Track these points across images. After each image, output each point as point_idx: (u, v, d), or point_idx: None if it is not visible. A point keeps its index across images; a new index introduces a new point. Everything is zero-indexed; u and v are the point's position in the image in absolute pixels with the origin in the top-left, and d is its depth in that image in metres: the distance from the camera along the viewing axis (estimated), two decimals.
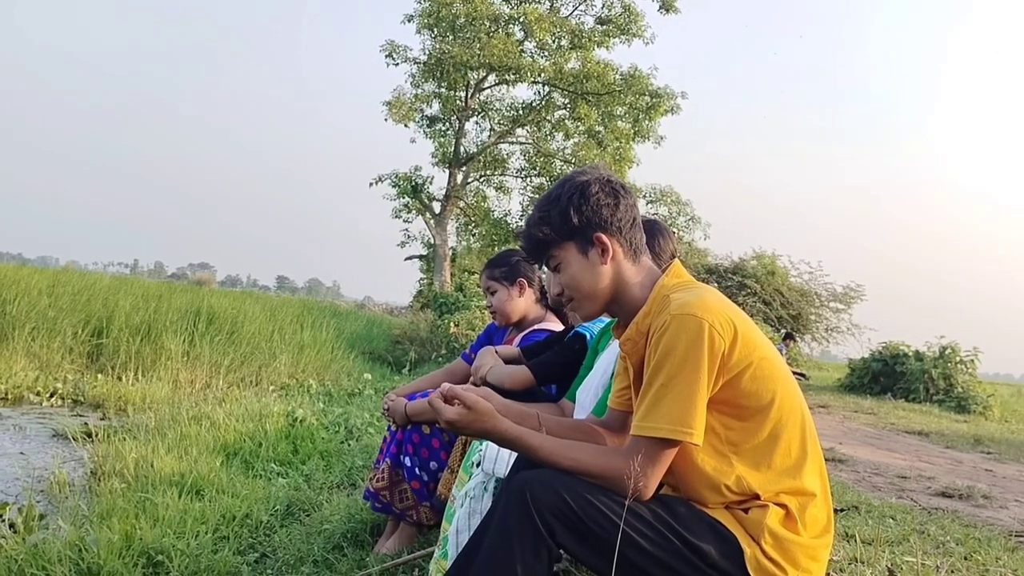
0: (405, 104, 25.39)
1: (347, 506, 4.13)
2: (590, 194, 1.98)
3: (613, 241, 1.99)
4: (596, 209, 1.97)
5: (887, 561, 2.31)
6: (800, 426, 1.93)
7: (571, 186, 2.00)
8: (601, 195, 1.98)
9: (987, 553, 2.80)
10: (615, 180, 2.03)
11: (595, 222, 1.98)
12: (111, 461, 5.56)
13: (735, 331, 1.83)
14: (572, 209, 1.97)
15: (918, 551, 2.55)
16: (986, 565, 2.58)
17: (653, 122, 25.22)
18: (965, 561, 2.61)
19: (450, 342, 15.84)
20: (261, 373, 11.75)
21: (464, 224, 28.46)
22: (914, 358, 16.63)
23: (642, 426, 1.82)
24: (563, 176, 2.11)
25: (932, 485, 4.90)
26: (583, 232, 1.98)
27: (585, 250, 2.00)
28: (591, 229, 1.98)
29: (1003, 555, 2.80)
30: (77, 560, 3.41)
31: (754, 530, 1.85)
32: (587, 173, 2.03)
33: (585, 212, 1.97)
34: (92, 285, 13.29)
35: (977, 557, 2.71)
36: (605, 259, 1.99)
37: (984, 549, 2.86)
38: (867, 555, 2.44)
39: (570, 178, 2.03)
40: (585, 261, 2.00)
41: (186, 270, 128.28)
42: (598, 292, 2.02)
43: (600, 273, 2.00)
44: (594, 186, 1.99)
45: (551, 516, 1.78)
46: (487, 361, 3.18)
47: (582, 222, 1.97)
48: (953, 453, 7.68)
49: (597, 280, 2.01)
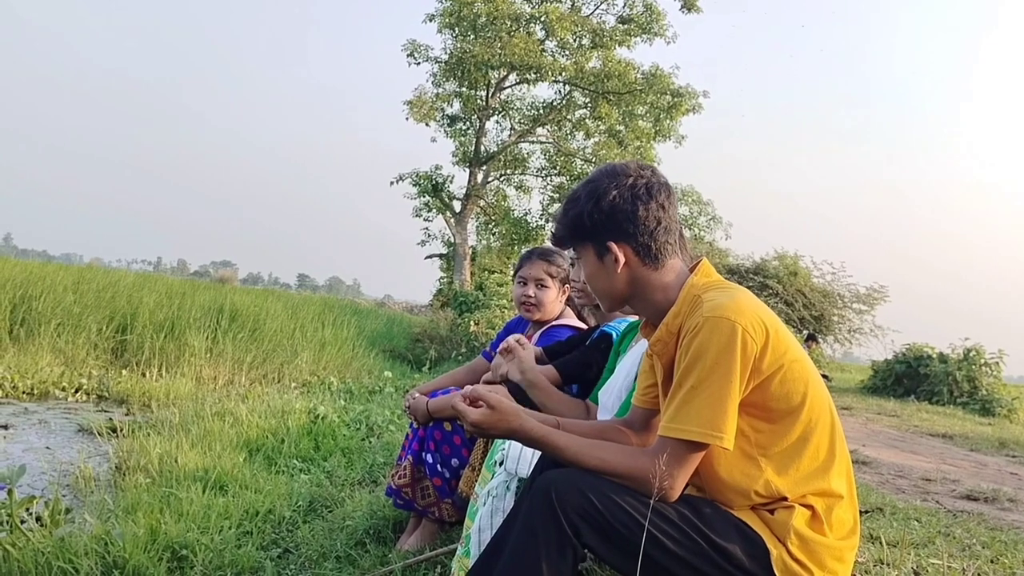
0: (426, 103, 25.47)
1: (369, 503, 4.15)
2: (604, 201, 1.94)
3: (627, 249, 1.96)
4: (610, 216, 1.94)
5: (913, 564, 2.29)
6: (829, 428, 1.92)
7: (590, 189, 1.98)
8: (619, 201, 1.94)
9: (1014, 556, 2.77)
10: (643, 183, 1.96)
11: (609, 228, 1.95)
12: (135, 456, 5.60)
13: (767, 334, 1.82)
14: (585, 213, 1.96)
15: (944, 554, 2.53)
16: (1013, 569, 2.55)
17: (674, 121, 25.17)
18: (992, 564, 2.58)
19: (470, 340, 15.86)
20: (283, 370, 11.80)
21: (484, 223, 28.47)
22: (938, 360, 16.49)
23: (671, 427, 1.81)
24: (600, 168, 2.05)
25: (956, 488, 4.85)
26: (597, 237, 1.97)
27: (600, 254, 1.99)
28: (605, 236, 1.96)
29: None
30: (103, 553, 3.44)
31: (780, 531, 1.85)
32: (614, 176, 1.98)
33: (596, 219, 1.95)
34: (117, 282, 13.39)
35: (1004, 560, 2.68)
36: (618, 266, 1.97)
37: (1011, 552, 2.83)
38: (892, 557, 2.43)
39: (595, 178, 2.00)
40: (600, 264, 2.00)
41: (208, 268, 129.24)
42: (613, 293, 2.03)
43: (615, 277, 1.99)
44: (612, 192, 1.94)
45: (576, 516, 1.77)
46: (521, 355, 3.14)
47: (595, 228, 1.96)
48: (977, 456, 7.61)
49: (612, 283, 2.01)
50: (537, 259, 3.65)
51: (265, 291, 22.64)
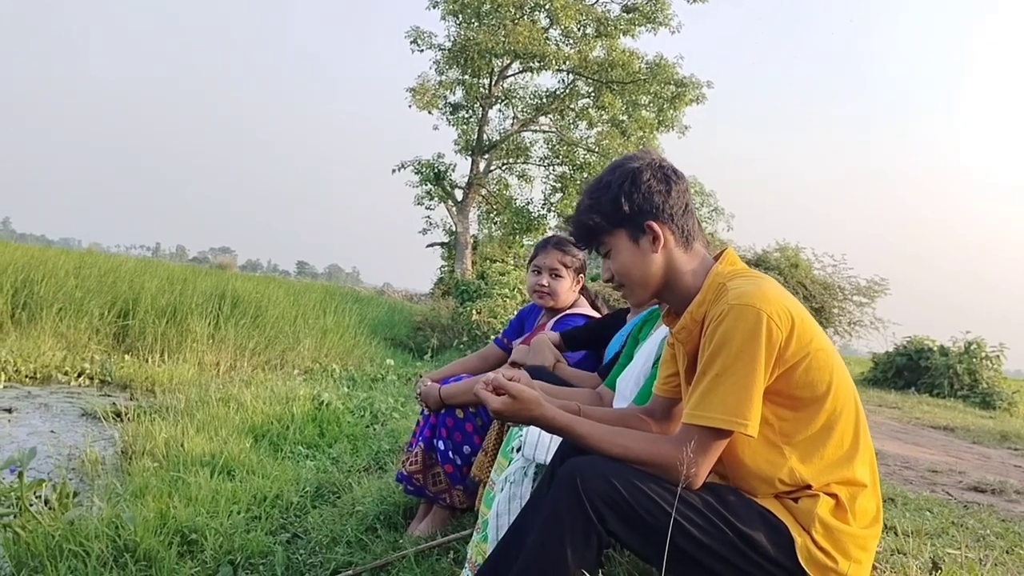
0: (429, 91, 25.40)
1: (379, 489, 4.15)
2: (641, 181, 1.94)
3: (664, 229, 1.95)
4: (648, 196, 1.94)
5: (929, 553, 2.29)
6: (854, 417, 1.91)
7: (622, 172, 1.96)
8: (653, 181, 1.94)
9: None
10: (667, 165, 1.99)
11: (646, 209, 1.94)
12: (141, 440, 5.61)
13: (792, 322, 1.81)
14: (623, 196, 1.94)
15: (961, 544, 2.53)
16: None
17: (678, 112, 25.10)
18: (1007, 555, 2.58)
19: (472, 329, 15.85)
20: (285, 357, 11.80)
21: (486, 212, 28.42)
22: (939, 353, 16.51)
23: (695, 414, 1.80)
24: (613, 161, 2.04)
25: (963, 480, 4.86)
26: (634, 220, 1.95)
27: (636, 238, 1.96)
28: (642, 217, 1.94)
29: None
30: (114, 537, 3.45)
31: (805, 519, 1.84)
32: (638, 158, 1.99)
33: (636, 199, 1.94)
34: (118, 267, 13.38)
35: (1019, 551, 2.68)
36: (656, 247, 1.95)
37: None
38: (910, 547, 2.43)
39: (621, 164, 1.99)
40: (636, 249, 1.97)
41: (207, 254, 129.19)
42: (649, 280, 2.00)
43: (651, 261, 1.97)
44: (646, 172, 1.95)
45: (601, 503, 1.77)
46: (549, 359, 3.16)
47: (633, 209, 1.94)
48: (980, 449, 7.62)
49: (648, 268, 1.98)
50: (552, 248, 3.65)
51: (266, 278, 22.65)
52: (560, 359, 3.26)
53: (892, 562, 2.24)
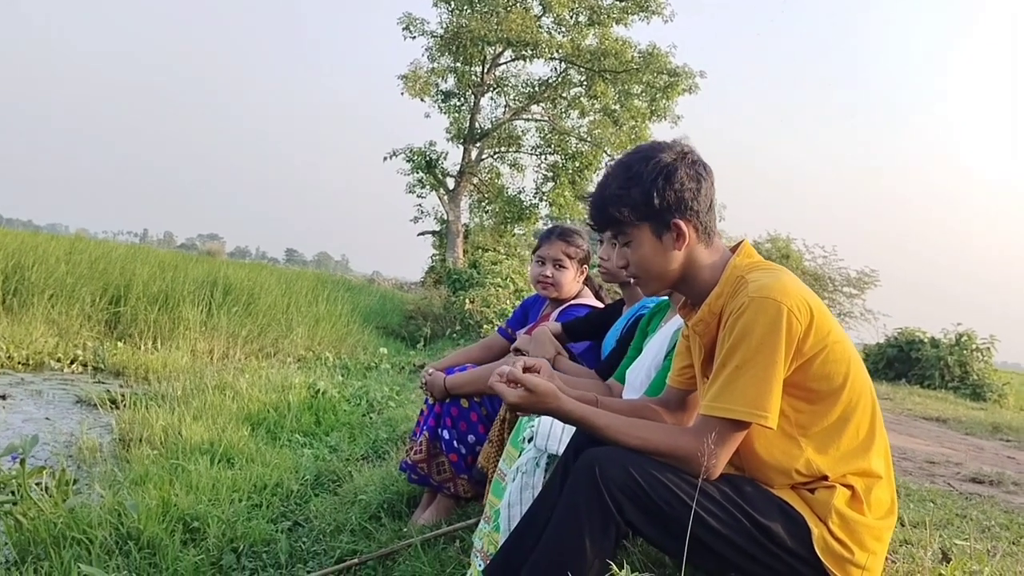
0: (421, 78, 25.30)
1: (382, 477, 4.15)
2: (676, 179, 1.90)
3: (689, 227, 1.93)
4: (679, 194, 1.90)
5: (938, 544, 2.30)
6: (870, 409, 1.92)
7: (656, 166, 1.91)
8: (686, 179, 1.91)
9: None
10: (699, 160, 1.95)
11: (676, 208, 1.91)
12: (138, 428, 5.60)
13: (811, 315, 1.81)
14: (655, 191, 1.90)
15: (970, 535, 2.55)
16: None
17: (670, 101, 25.04)
18: (1014, 546, 2.60)
19: (465, 318, 15.85)
20: (278, 345, 11.79)
21: (477, 201, 28.33)
22: (930, 345, 16.60)
23: (715, 406, 1.80)
24: (644, 147, 1.99)
25: (960, 471, 4.89)
26: (661, 216, 1.92)
27: (660, 233, 1.93)
28: (670, 214, 1.91)
29: None
30: (116, 524, 3.44)
31: (821, 510, 1.85)
32: (672, 150, 1.94)
33: (668, 196, 1.90)
34: (108, 253, 13.30)
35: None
36: (679, 244, 1.93)
37: None
38: (917, 538, 2.44)
39: (653, 155, 1.94)
40: (658, 244, 1.95)
41: (195, 240, 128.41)
42: (667, 275, 1.98)
43: (672, 257, 1.95)
44: (681, 169, 1.91)
45: (620, 493, 1.77)
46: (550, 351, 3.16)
47: (663, 207, 1.91)
48: (973, 440, 7.67)
49: (668, 264, 1.96)
50: (556, 239, 3.63)
51: (258, 265, 22.56)
52: (561, 351, 3.25)
53: (902, 553, 2.25)
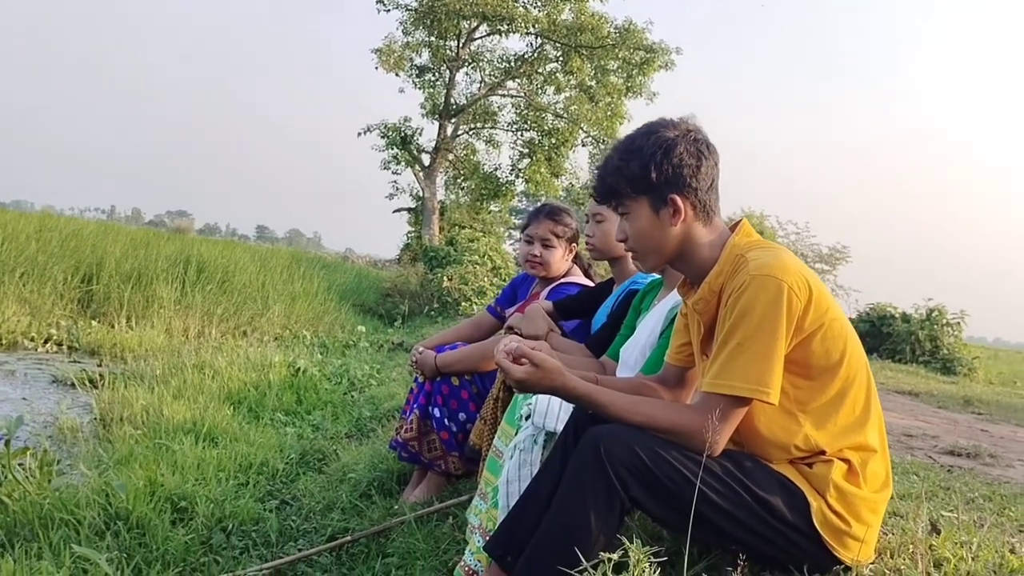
0: (395, 52, 25.07)
1: (370, 455, 4.16)
2: (674, 154, 1.92)
3: (687, 203, 1.95)
4: (678, 169, 1.92)
5: (927, 516, 2.34)
6: (865, 384, 1.95)
7: (656, 140, 1.94)
8: (685, 155, 1.93)
9: (1017, 509, 2.84)
10: (702, 138, 1.97)
11: (673, 182, 1.93)
12: (118, 408, 5.55)
13: (811, 292, 1.83)
14: (653, 165, 1.92)
15: (956, 507, 2.60)
16: (1020, 521, 2.63)
17: (646, 78, 24.95)
18: (999, 517, 2.66)
19: (442, 296, 15.83)
20: (254, 323, 11.71)
21: (453, 177, 28.18)
22: (901, 320, 16.81)
23: (717, 383, 1.82)
24: (649, 123, 2.01)
25: (938, 444, 4.97)
26: (659, 190, 1.94)
27: (657, 208, 1.96)
28: (667, 188, 1.93)
29: None
30: (105, 505, 3.42)
31: (819, 484, 1.88)
32: (675, 127, 1.96)
33: (666, 171, 1.92)
34: (79, 231, 13.12)
35: (1010, 513, 2.76)
36: (676, 220, 1.95)
37: (1013, 506, 2.90)
38: (904, 510, 2.48)
39: (656, 130, 1.96)
40: (655, 219, 1.97)
41: (164, 217, 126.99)
42: (663, 250, 2.00)
43: (669, 233, 1.97)
44: (680, 145, 1.93)
45: (624, 469, 1.79)
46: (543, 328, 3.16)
47: (660, 181, 1.93)
48: (946, 413, 7.79)
49: (664, 239, 1.98)
50: (544, 218, 3.63)
51: (231, 243, 22.37)
52: (554, 329, 3.26)
53: (891, 524, 2.29)
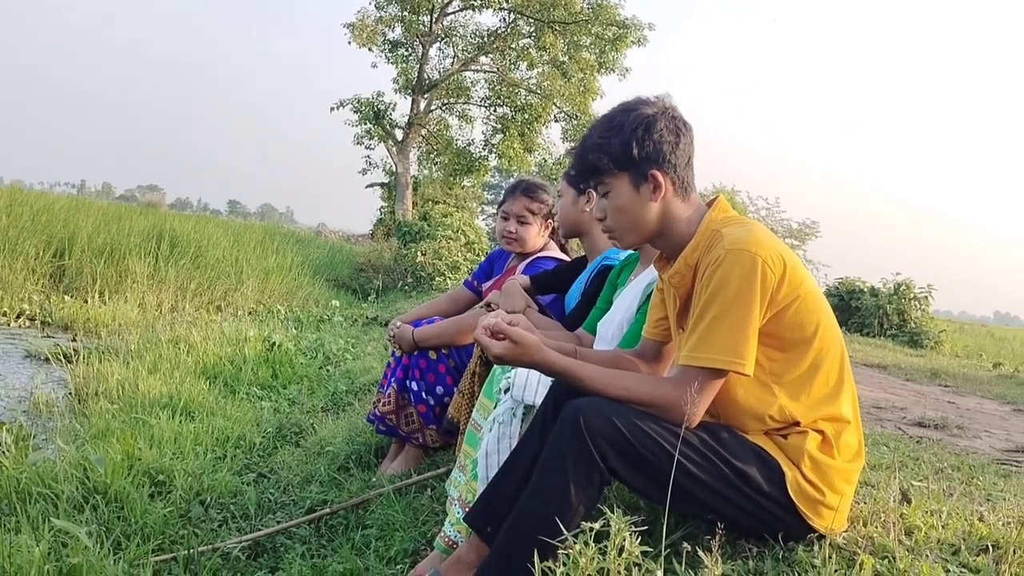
0: (368, 27, 24.83)
1: (348, 429, 4.18)
2: (655, 129, 1.95)
3: (667, 179, 1.98)
4: (658, 145, 1.95)
5: (898, 485, 2.40)
6: (839, 356, 2.00)
7: (637, 117, 1.97)
8: (665, 131, 1.95)
9: (985, 479, 2.93)
10: (679, 116, 2.00)
11: (653, 158, 1.96)
12: (93, 382, 5.53)
13: (784, 266, 1.87)
14: (634, 142, 1.95)
15: (925, 476, 2.66)
16: (988, 491, 2.70)
17: (619, 53, 24.87)
18: (967, 486, 2.73)
19: (416, 271, 15.82)
20: (228, 297, 11.67)
21: (426, 152, 28.03)
22: (869, 294, 17.01)
23: (694, 356, 1.86)
24: (627, 102, 2.03)
25: (906, 415, 5.07)
26: (639, 166, 1.97)
27: (637, 184, 1.98)
28: (648, 165, 1.96)
29: (998, 481, 2.94)
30: (82, 479, 3.41)
31: (794, 455, 1.92)
32: (654, 105, 1.99)
33: (646, 147, 1.95)
34: (50, 206, 12.99)
35: (978, 482, 2.83)
36: (656, 196, 1.98)
37: (981, 475, 2.99)
38: (876, 480, 2.55)
39: (635, 107, 1.99)
40: (635, 195, 2.00)
41: (135, 192, 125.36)
42: (642, 226, 2.03)
43: (648, 209, 2.00)
44: (660, 121, 1.96)
45: (603, 442, 1.82)
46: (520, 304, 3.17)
47: (641, 156, 1.96)
48: (914, 386, 7.92)
49: (644, 215, 2.01)
50: (520, 195, 3.64)
51: (204, 217, 22.20)
52: (531, 304, 3.29)
53: (863, 494, 2.35)
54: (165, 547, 3.08)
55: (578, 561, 1.54)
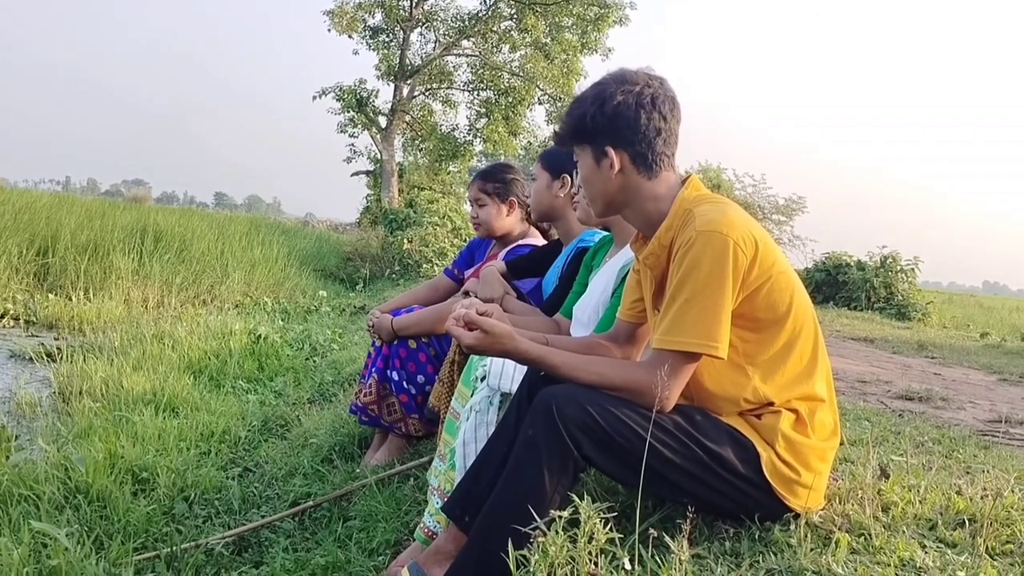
0: (348, 13, 24.67)
1: (331, 420, 4.16)
2: (610, 105, 1.93)
3: (623, 155, 1.96)
4: (612, 120, 1.94)
5: (876, 460, 2.40)
6: (812, 335, 1.99)
7: (597, 91, 1.97)
8: (623, 107, 1.93)
9: (965, 451, 2.93)
10: (648, 91, 1.95)
11: (609, 133, 1.95)
12: (77, 381, 5.50)
13: (756, 247, 1.85)
14: (588, 116, 1.95)
15: (905, 451, 2.67)
16: (967, 463, 2.71)
17: (601, 33, 24.76)
18: (947, 460, 2.73)
19: (403, 258, 15.78)
20: (214, 291, 11.61)
21: (411, 139, 27.95)
22: (856, 268, 17.04)
23: (667, 339, 1.84)
24: (608, 74, 2.02)
25: (891, 389, 5.08)
26: (595, 139, 1.98)
27: (598, 158, 1.99)
28: (603, 140, 1.96)
29: (978, 453, 2.94)
30: (64, 479, 3.40)
31: (768, 435, 1.92)
32: (621, 82, 1.95)
33: (599, 122, 1.95)
34: (33, 203, 12.89)
35: (958, 455, 2.84)
36: (612, 172, 1.98)
37: (961, 448, 2.99)
38: (855, 455, 2.55)
39: (604, 81, 1.98)
40: (596, 167, 2.00)
41: (120, 187, 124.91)
42: (603, 198, 2.04)
43: (608, 182, 2.00)
44: (617, 96, 1.93)
45: (577, 430, 1.81)
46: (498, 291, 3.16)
47: (596, 130, 1.96)
48: (900, 358, 7.95)
49: (604, 188, 2.02)
50: (475, 180, 3.71)
51: (188, 211, 22.06)
52: (509, 291, 3.27)
53: (842, 470, 2.35)
54: (148, 545, 3.07)
55: (548, 550, 1.53)
